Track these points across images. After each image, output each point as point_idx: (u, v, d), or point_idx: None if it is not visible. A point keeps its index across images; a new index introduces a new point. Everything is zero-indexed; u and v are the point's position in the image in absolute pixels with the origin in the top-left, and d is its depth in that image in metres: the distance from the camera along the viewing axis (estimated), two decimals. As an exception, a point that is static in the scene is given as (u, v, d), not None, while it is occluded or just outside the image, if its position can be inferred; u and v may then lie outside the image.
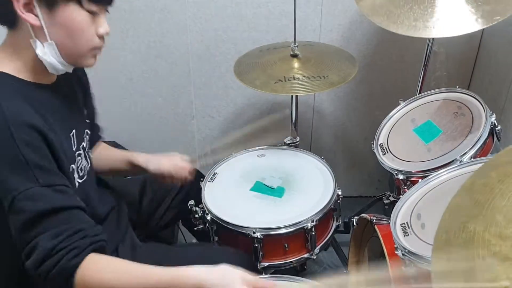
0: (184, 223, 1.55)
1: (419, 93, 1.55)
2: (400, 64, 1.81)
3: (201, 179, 1.40)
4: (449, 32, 1.21)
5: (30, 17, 0.86)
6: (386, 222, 1.21)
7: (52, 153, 0.88)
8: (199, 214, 1.32)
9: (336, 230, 1.39)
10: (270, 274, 1.25)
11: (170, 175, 1.28)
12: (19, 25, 0.88)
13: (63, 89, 1.00)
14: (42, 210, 0.84)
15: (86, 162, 1.07)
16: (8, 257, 0.96)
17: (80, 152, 1.03)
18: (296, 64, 1.45)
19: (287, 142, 1.60)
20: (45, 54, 0.90)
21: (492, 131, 1.25)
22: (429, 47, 1.48)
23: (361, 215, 1.31)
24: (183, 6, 1.67)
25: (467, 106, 1.36)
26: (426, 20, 1.23)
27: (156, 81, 1.82)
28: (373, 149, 1.42)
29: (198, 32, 1.72)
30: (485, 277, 0.43)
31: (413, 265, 0.97)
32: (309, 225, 1.22)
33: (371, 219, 1.24)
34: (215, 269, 0.91)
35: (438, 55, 1.74)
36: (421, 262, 0.94)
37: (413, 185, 1.20)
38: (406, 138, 1.41)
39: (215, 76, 1.82)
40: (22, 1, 0.84)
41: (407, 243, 1.00)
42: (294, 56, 1.46)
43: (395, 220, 1.09)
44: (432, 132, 1.38)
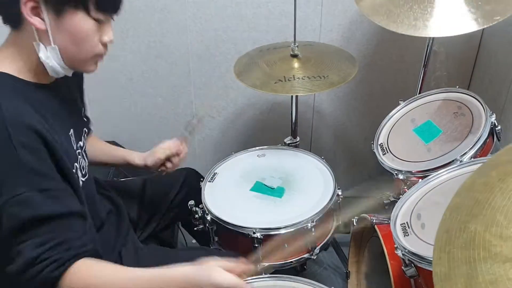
0: (184, 224, 1.55)
1: (419, 93, 1.55)
2: (400, 64, 1.81)
3: (201, 179, 1.40)
4: (449, 32, 1.21)
5: (36, 20, 0.85)
6: (386, 222, 1.21)
7: (53, 155, 0.87)
8: (199, 214, 1.32)
9: (336, 230, 1.39)
10: (270, 274, 1.25)
11: (168, 160, 1.33)
12: (24, 26, 0.88)
13: (62, 89, 1.01)
14: (29, 217, 0.83)
15: (85, 161, 1.07)
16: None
17: (79, 151, 1.04)
18: (296, 64, 1.45)
19: (287, 142, 1.60)
20: (48, 57, 0.90)
21: (492, 131, 1.25)
22: (429, 47, 1.48)
23: (361, 215, 1.31)
24: (183, 6, 1.67)
25: (467, 106, 1.36)
26: (426, 20, 1.23)
27: (156, 81, 1.82)
28: (373, 149, 1.42)
29: (198, 32, 1.72)
30: (486, 279, 0.43)
31: (413, 264, 0.97)
32: (309, 225, 1.22)
33: (371, 219, 1.24)
34: (200, 266, 0.94)
35: (438, 55, 1.74)
36: (421, 262, 0.94)
37: (413, 185, 1.20)
38: (406, 138, 1.41)
39: (215, 76, 1.82)
40: (30, 4, 0.84)
41: (407, 243, 1.00)
42: (294, 56, 1.46)
43: (395, 220, 1.09)
44: (432, 132, 1.38)
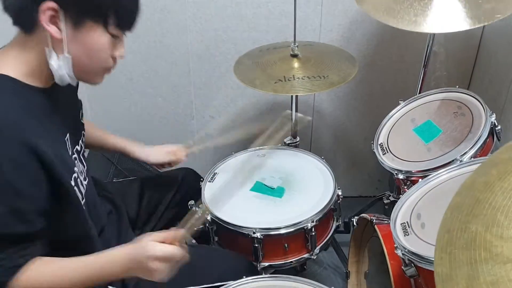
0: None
1: (419, 93, 1.55)
2: (400, 64, 1.81)
3: (201, 179, 1.40)
4: (449, 28, 1.21)
5: (53, 29, 0.85)
6: (386, 222, 1.21)
7: (47, 167, 0.86)
8: (199, 214, 1.32)
9: (336, 230, 1.39)
10: (270, 274, 1.25)
11: (168, 163, 1.39)
12: (36, 32, 0.87)
13: (60, 93, 0.99)
14: None
15: (82, 166, 1.06)
16: None
17: (75, 156, 1.03)
18: (296, 64, 1.45)
19: (287, 142, 1.60)
20: (59, 66, 0.90)
21: (492, 131, 1.25)
22: (429, 47, 1.48)
23: (361, 215, 1.31)
24: (183, 6, 1.67)
25: (467, 106, 1.36)
26: (427, 16, 1.23)
27: (156, 81, 1.82)
28: (373, 149, 1.42)
29: (198, 32, 1.72)
30: (487, 280, 0.43)
31: (413, 264, 0.97)
32: (309, 225, 1.22)
33: (371, 219, 1.24)
34: (134, 243, 0.95)
35: (438, 55, 1.74)
36: (421, 262, 0.94)
37: (413, 185, 1.20)
38: (406, 138, 1.41)
39: (215, 76, 1.82)
40: (49, 13, 0.84)
41: (407, 242, 1.00)
42: (294, 56, 1.46)
43: (395, 220, 1.09)
44: (432, 132, 1.38)
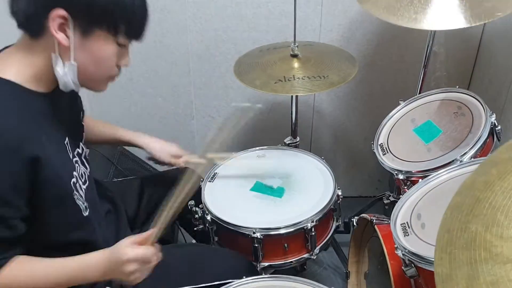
0: (183, 224, 1.55)
1: (419, 93, 1.55)
2: (400, 64, 1.81)
3: (201, 179, 1.40)
4: (450, 25, 1.21)
5: (61, 36, 0.86)
6: (386, 222, 1.21)
7: (41, 170, 0.86)
8: (199, 214, 1.32)
9: (336, 230, 1.39)
10: (270, 274, 1.25)
11: (167, 162, 1.36)
12: (43, 37, 0.87)
13: (60, 97, 0.98)
14: None
15: (85, 168, 1.06)
16: None
17: (76, 159, 1.02)
18: (296, 64, 1.45)
19: (287, 142, 1.60)
20: (64, 73, 0.90)
21: (492, 131, 1.25)
22: (429, 47, 1.48)
23: (361, 215, 1.31)
24: (183, 6, 1.67)
25: (467, 106, 1.36)
26: (427, 13, 1.23)
27: (156, 81, 1.82)
28: (373, 149, 1.42)
29: (198, 32, 1.72)
30: (487, 280, 0.43)
31: (413, 265, 0.97)
32: (309, 225, 1.22)
33: (371, 219, 1.24)
34: (110, 249, 0.96)
35: (438, 55, 1.74)
36: (421, 262, 0.94)
37: (413, 185, 1.20)
38: (406, 138, 1.41)
39: (215, 76, 1.82)
40: (59, 21, 0.84)
41: (407, 243, 1.00)
42: (294, 56, 1.46)
43: (395, 220, 1.09)
44: (432, 132, 1.38)
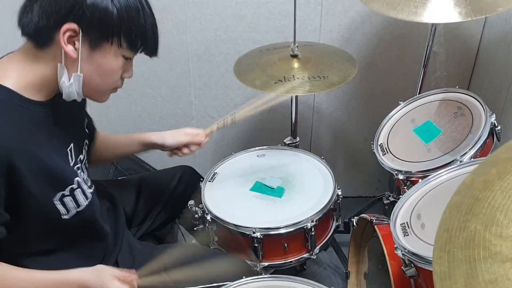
0: (183, 223, 1.55)
1: (419, 93, 1.55)
2: (400, 64, 1.81)
3: (201, 179, 1.40)
4: (450, 18, 1.20)
5: (70, 49, 0.87)
6: (386, 222, 1.21)
7: (21, 177, 0.87)
8: (199, 214, 1.32)
9: (336, 230, 1.39)
10: (270, 274, 1.25)
11: (187, 145, 1.29)
12: (49, 48, 0.88)
13: (60, 105, 0.98)
14: None
15: (83, 173, 1.06)
16: None
17: (79, 165, 1.03)
18: (296, 65, 1.45)
19: (287, 142, 1.60)
20: (70, 84, 0.90)
21: (492, 131, 1.25)
22: (428, 47, 1.48)
23: (361, 215, 1.31)
24: (183, 6, 1.67)
25: (467, 106, 1.36)
26: (427, 7, 1.22)
27: (156, 81, 1.82)
28: (373, 149, 1.42)
29: (198, 32, 1.72)
30: (486, 278, 0.43)
31: (412, 265, 0.97)
32: (309, 225, 1.22)
33: (371, 219, 1.24)
34: (93, 270, 1.00)
35: (438, 55, 1.74)
36: (421, 262, 0.94)
37: (413, 185, 1.20)
38: (406, 138, 1.41)
39: (215, 76, 1.82)
40: (68, 33, 0.85)
41: (407, 243, 1.00)
42: (294, 56, 1.46)
43: (395, 220, 1.09)
44: (432, 132, 1.38)
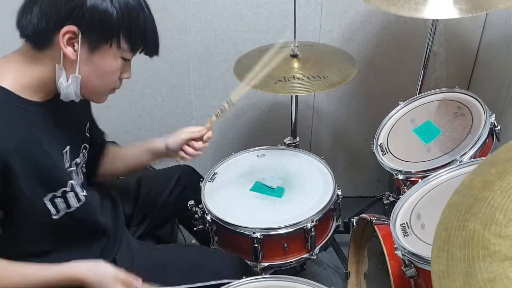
0: (183, 223, 1.55)
1: (418, 93, 1.55)
2: (400, 64, 1.81)
3: (201, 179, 1.40)
4: (450, 14, 1.20)
5: (69, 50, 0.87)
6: (386, 222, 1.21)
7: (14, 177, 0.87)
8: (199, 214, 1.32)
9: (336, 230, 1.39)
10: (270, 274, 1.25)
11: (191, 141, 1.22)
12: (48, 50, 0.88)
13: (59, 106, 0.98)
14: None
15: (78, 177, 1.05)
16: None
17: (73, 168, 1.02)
18: (296, 65, 1.45)
19: (287, 142, 1.60)
20: (68, 84, 0.90)
21: (492, 131, 1.25)
22: (428, 47, 1.48)
23: (361, 215, 1.31)
24: (183, 6, 1.67)
25: (466, 106, 1.36)
26: (427, 3, 1.22)
27: (156, 81, 1.82)
28: (373, 149, 1.42)
29: (198, 32, 1.72)
30: (485, 277, 0.43)
31: (412, 265, 0.97)
32: (309, 225, 1.22)
33: (371, 219, 1.24)
34: (93, 265, 0.97)
35: (438, 55, 1.74)
36: (421, 262, 0.94)
37: (413, 185, 1.20)
38: (406, 138, 1.41)
39: (214, 76, 1.82)
40: (68, 36, 0.86)
41: (407, 243, 1.00)
42: (294, 56, 1.46)
43: (395, 220, 1.09)
44: (432, 132, 1.38)
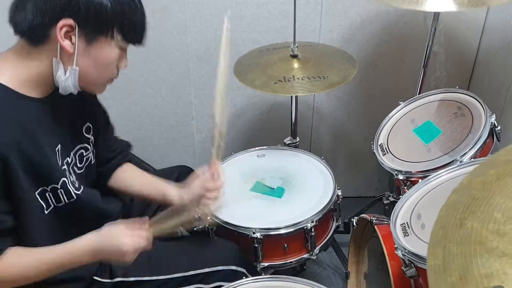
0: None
1: (418, 94, 1.55)
2: (400, 64, 1.81)
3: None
4: (452, 7, 1.19)
5: (66, 44, 0.87)
6: (386, 222, 1.21)
7: (12, 173, 0.88)
8: (199, 214, 1.32)
9: (336, 230, 1.39)
10: (270, 274, 1.25)
11: (204, 196, 1.14)
12: (45, 44, 0.88)
13: (57, 103, 0.98)
14: None
15: (72, 176, 1.04)
16: None
17: (65, 167, 1.02)
18: (295, 65, 1.45)
19: (287, 142, 1.60)
20: (66, 77, 0.91)
21: (492, 132, 1.26)
22: (428, 47, 1.48)
23: (361, 215, 1.31)
24: (183, 6, 1.67)
25: (466, 107, 1.36)
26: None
27: (156, 81, 1.82)
28: (373, 149, 1.42)
29: (198, 32, 1.72)
30: (482, 272, 0.43)
31: (413, 265, 0.97)
32: (309, 225, 1.22)
33: (371, 219, 1.24)
34: (102, 232, 0.98)
35: (438, 56, 1.74)
36: (422, 262, 0.94)
37: (413, 185, 1.20)
38: (406, 139, 1.41)
39: (214, 77, 1.82)
40: (65, 29, 0.86)
41: (407, 243, 1.00)
42: (294, 56, 1.46)
43: (395, 220, 1.09)
44: (432, 132, 1.38)
